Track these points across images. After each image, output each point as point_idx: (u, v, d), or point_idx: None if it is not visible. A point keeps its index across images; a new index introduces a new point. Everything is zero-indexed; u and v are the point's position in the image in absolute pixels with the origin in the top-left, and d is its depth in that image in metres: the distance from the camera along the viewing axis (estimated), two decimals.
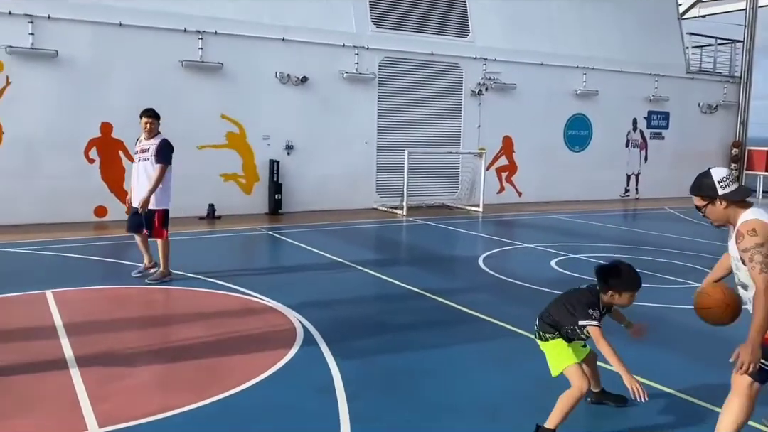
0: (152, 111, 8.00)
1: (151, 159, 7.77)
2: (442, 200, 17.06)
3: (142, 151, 7.87)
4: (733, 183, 3.52)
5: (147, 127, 7.88)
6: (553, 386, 4.00)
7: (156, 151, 7.75)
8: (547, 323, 4.06)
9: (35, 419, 4.08)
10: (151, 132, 7.89)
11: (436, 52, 16.60)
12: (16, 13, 11.98)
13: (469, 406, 4.45)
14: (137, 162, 7.93)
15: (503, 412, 4.40)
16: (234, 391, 4.58)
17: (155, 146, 7.78)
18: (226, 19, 13.89)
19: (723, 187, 3.49)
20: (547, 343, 4.05)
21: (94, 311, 6.73)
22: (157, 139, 7.86)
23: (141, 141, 7.99)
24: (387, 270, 8.82)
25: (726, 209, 3.51)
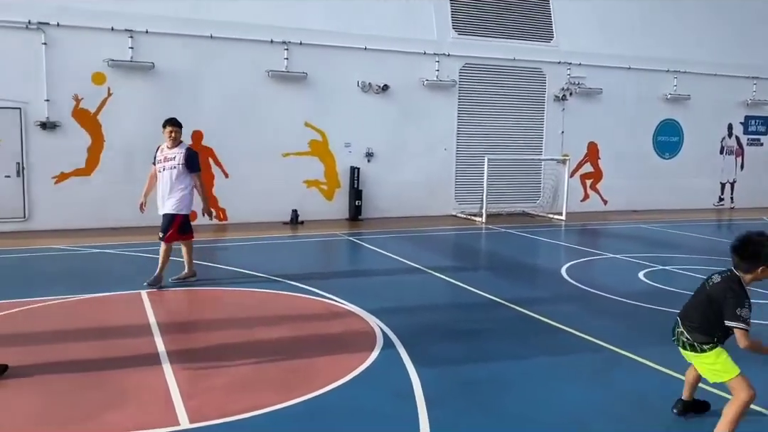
0: (176, 120, 8.08)
1: (178, 167, 7.84)
2: (522, 208, 16.77)
3: (166, 160, 7.90)
4: None
5: (172, 135, 7.92)
6: (645, 406, 3.86)
7: (185, 160, 7.86)
8: (698, 332, 3.87)
9: (129, 412, 4.32)
10: (175, 141, 7.95)
11: (518, 58, 16.38)
12: (117, 28, 12.77)
13: (554, 421, 4.35)
14: (162, 171, 7.93)
15: (593, 430, 4.25)
16: (318, 392, 4.68)
17: (182, 155, 7.88)
18: (311, 29, 14.25)
19: None
20: (706, 354, 3.86)
21: (185, 311, 7.06)
22: (181, 148, 7.95)
23: (164, 150, 8.01)
24: (466, 277, 8.75)
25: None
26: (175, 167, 7.85)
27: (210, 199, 7.97)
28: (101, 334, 6.09)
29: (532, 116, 16.90)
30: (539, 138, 17.04)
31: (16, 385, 4.76)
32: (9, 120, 12.22)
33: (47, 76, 12.38)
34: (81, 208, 12.74)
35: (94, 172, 12.92)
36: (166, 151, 7.97)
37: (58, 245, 10.87)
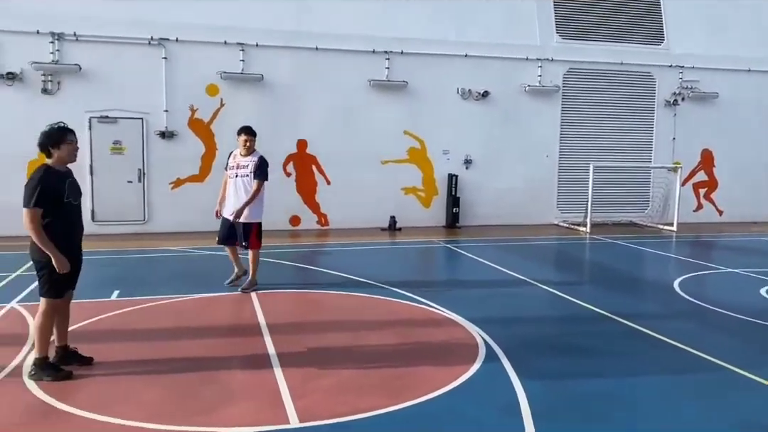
0: (250, 129, 8.08)
1: (250, 175, 7.90)
2: (630, 217, 16.07)
3: (239, 167, 7.95)
4: None
5: (246, 144, 7.96)
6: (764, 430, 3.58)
7: (256, 168, 7.90)
8: None
9: (241, 409, 4.51)
10: (249, 149, 7.98)
11: (626, 61, 15.77)
12: (230, 42, 13.46)
13: None
14: (234, 177, 7.98)
15: None
16: (421, 399, 4.69)
17: (254, 163, 7.90)
18: (412, 38, 14.39)
19: None
20: None
21: (292, 312, 7.30)
22: (254, 156, 7.98)
23: (237, 157, 8.04)
24: (570, 289, 8.49)
25: None
26: (248, 175, 7.92)
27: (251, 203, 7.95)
28: (214, 332, 6.41)
29: (641, 122, 16.19)
30: (648, 145, 16.29)
31: (138, 378, 5.11)
32: (133, 129, 13.18)
33: (166, 88, 13.24)
34: (194, 212, 13.48)
35: (207, 179, 13.65)
36: (239, 158, 8.02)
37: (173, 247, 11.56)
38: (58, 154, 4.96)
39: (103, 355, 5.55)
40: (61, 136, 4.96)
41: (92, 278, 9.29)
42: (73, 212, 5.02)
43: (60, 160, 4.99)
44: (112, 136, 13.11)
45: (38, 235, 4.75)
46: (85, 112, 12.81)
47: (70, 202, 4.95)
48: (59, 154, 4.96)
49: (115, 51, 12.93)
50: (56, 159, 4.97)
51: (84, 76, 12.79)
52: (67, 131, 5.02)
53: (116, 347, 5.60)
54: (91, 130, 12.91)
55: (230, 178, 8.05)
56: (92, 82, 12.86)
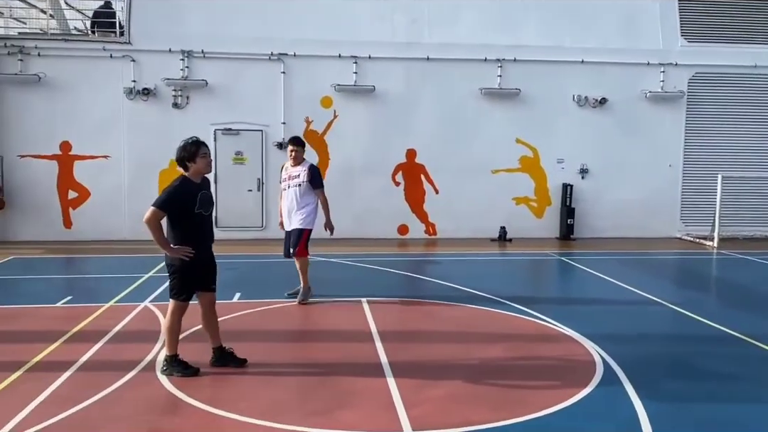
0: (299, 139, 8.05)
1: (303, 184, 7.79)
2: (763, 232, 14.82)
3: (290, 178, 7.86)
4: None
5: (293, 155, 7.86)
6: None
7: (310, 177, 7.79)
8: None
9: (356, 413, 4.60)
10: (297, 159, 7.86)
11: (760, 64, 14.60)
12: (344, 55, 13.85)
13: None
14: (287, 189, 7.92)
15: None
16: (535, 415, 4.56)
17: (306, 172, 7.79)
18: (526, 45, 14.12)
19: None
20: None
21: (403, 321, 7.36)
22: (304, 166, 7.86)
23: (288, 168, 7.98)
24: (696, 307, 7.95)
25: None
26: (300, 184, 7.81)
27: (329, 219, 8.00)
28: (329, 336, 6.59)
29: None
30: None
31: (259, 377, 5.34)
32: (253, 141, 13.87)
33: (284, 101, 13.83)
34: None
35: None
36: (290, 169, 7.94)
37: None
38: (194, 167, 5.25)
39: None
40: (195, 150, 5.24)
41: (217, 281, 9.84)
42: (203, 222, 5.31)
43: (196, 172, 5.27)
44: (235, 147, 13.87)
45: (153, 231, 5.05)
46: (210, 125, 13.63)
47: (200, 213, 5.25)
48: (195, 167, 5.25)
49: (238, 67, 13.69)
50: (192, 171, 5.27)
51: (210, 90, 13.63)
52: (201, 145, 5.31)
53: (239, 347, 5.89)
54: (216, 141, 13.72)
55: (284, 190, 8.06)
56: (217, 97, 13.69)
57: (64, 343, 6.21)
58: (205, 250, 5.38)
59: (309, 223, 7.99)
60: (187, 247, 5.17)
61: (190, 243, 5.19)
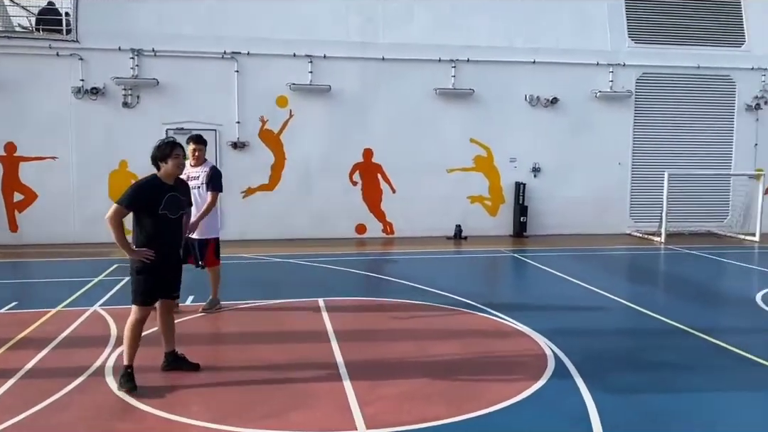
0: (200, 137, 7.44)
1: (202, 186, 7.22)
2: (708, 227, 15.39)
3: (190, 179, 7.05)
4: None
5: (195, 154, 7.30)
6: None
7: (208, 179, 7.21)
8: None
9: (310, 414, 4.59)
10: (199, 159, 7.33)
11: (703, 65, 15.15)
12: (299, 54, 13.78)
13: None
14: None
15: None
16: (488, 410, 4.64)
17: (206, 174, 7.22)
18: (479, 46, 14.32)
19: None
20: None
21: (360, 320, 7.37)
22: (206, 167, 7.31)
23: (187, 168, 6.93)
24: (643, 301, 8.20)
25: None
26: (200, 186, 7.22)
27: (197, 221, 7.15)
28: (284, 337, 6.55)
29: (720, 128, 15.51)
30: (728, 151, 15.58)
31: (211, 380, 5.28)
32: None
33: (238, 100, 13.69)
34: (265, 220, 13.86)
35: (276, 188, 14.00)
36: (190, 169, 7.18)
37: (245, 254, 11.89)
38: (164, 168, 5.17)
39: None
40: (169, 151, 5.15)
41: None
42: (167, 224, 5.14)
43: (166, 173, 5.18)
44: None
45: (114, 230, 4.91)
46: (162, 125, 13.37)
47: (165, 215, 5.10)
48: (165, 168, 5.17)
49: (190, 65, 13.48)
50: (163, 172, 5.18)
51: (161, 90, 13.38)
52: (176, 146, 5.22)
53: (191, 350, 5.81)
54: None
55: None
56: (169, 96, 13.45)
57: (9, 350, 6.02)
58: (170, 255, 5.24)
59: (213, 230, 7.50)
60: (148, 250, 5.03)
61: (152, 245, 5.06)
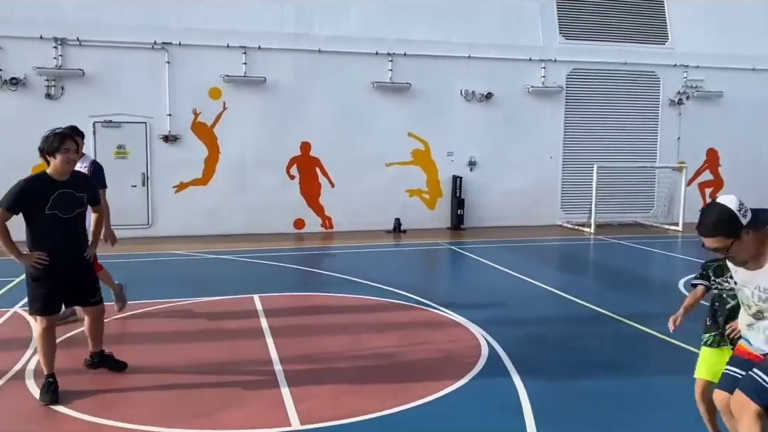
0: (76, 129, 6.00)
1: None
2: (634, 218, 16.01)
3: None
4: (748, 208, 3.06)
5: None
6: None
7: (91, 175, 6.24)
8: None
9: (243, 412, 4.51)
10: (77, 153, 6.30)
11: (629, 61, 15.72)
12: (232, 45, 13.48)
13: None
14: None
15: None
16: (423, 401, 4.68)
17: (87, 169, 6.35)
18: (415, 40, 14.38)
19: (744, 215, 3.01)
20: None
21: (295, 315, 7.29)
22: (85, 161, 6.39)
23: None
24: (574, 290, 8.45)
25: (754, 239, 3.04)
26: None
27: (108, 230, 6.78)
28: (218, 335, 6.41)
29: (645, 122, 16.14)
30: (653, 145, 16.23)
31: (141, 381, 5.10)
32: (137, 134, 13.22)
33: (170, 92, 13.27)
34: (198, 215, 13.51)
35: (210, 182, 13.67)
36: None
37: (177, 250, 11.57)
38: (53, 163, 4.62)
39: None
40: (57, 145, 4.59)
41: None
42: (58, 225, 4.61)
43: (55, 168, 4.64)
44: (117, 140, 13.15)
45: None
46: (89, 117, 12.82)
47: (55, 215, 4.58)
48: (54, 164, 4.62)
49: (118, 56, 12.97)
50: (52, 168, 4.65)
51: (87, 81, 12.83)
52: (65, 139, 4.64)
53: (121, 350, 5.59)
54: (96, 134, 12.95)
55: None
56: (96, 87, 12.91)
57: None
58: (67, 258, 4.69)
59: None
60: (40, 254, 4.56)
61: (42, 248, 4.58)
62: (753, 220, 3.04)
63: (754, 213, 3.08)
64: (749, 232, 3.04)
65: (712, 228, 3.05)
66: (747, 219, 3.03)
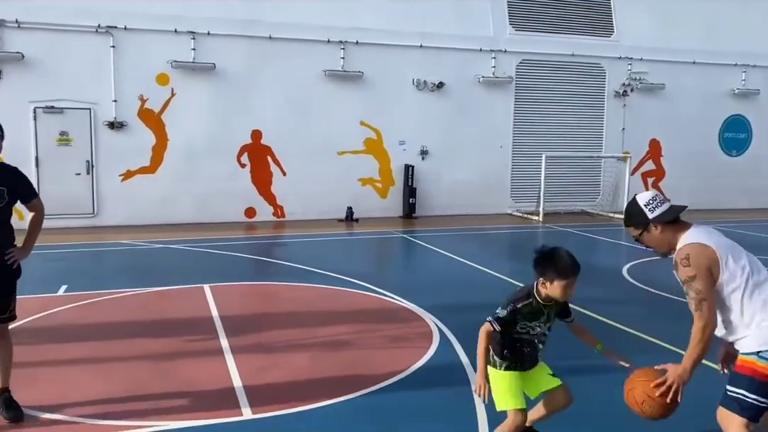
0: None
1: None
2: (581, 206, 16.44)
3: None
4: (662, 204, 3.31)
5: None
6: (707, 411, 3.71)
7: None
8: None
9: (194, 403, 4.46)
10: None
11: (577, 53, 16.06)
12: (180, 30, 13.16)
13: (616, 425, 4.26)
14: None
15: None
16: (375, 387, 4.72)
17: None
18: (367, 29, 14.33)
19: (651, 209, 3.29)
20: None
21: (246, 305, 7.24)
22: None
23: None
24: (522, 277, 8.60)
25: (663, 233, 3.30)
26: None
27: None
28: (167, 326, 6.30)
29: (592, 113, 16.55)
30: (599, 135, 16.67)
31: (90, 374, 4.99)
32: (80, 120, 12.79)
33: (115, 77, 12.88)
34: (146, 204, 13.20)
35: (158, 170, 13.36)
36: None
37: (124, 240, 11.30)
38: None
39: (52, 351, 5.42)
40: None
41: (39, 273, 9.00)
42: None
43: None
44: (59, 126, 12.70)
45: None
46: (29, 102, 12.37)
47: None
48: None
49: (60, 39, 12.50)
50: None
51: (27, 64, 12.33)
52: None
53: (66, 343, 5.45)
54: (36, 120, 12.48)
55: None
56: (36, 71, 12.41)
57: None
58: None
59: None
60: None
61: None
62: (658, 216, 3.26)
63: (668, 209, 3.29)
64: (657, 226, 3.26)
65: (625, 219, 3.44)
66: (654, 214, 3.26)
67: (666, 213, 3.29)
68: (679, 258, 3.15)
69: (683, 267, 3.11)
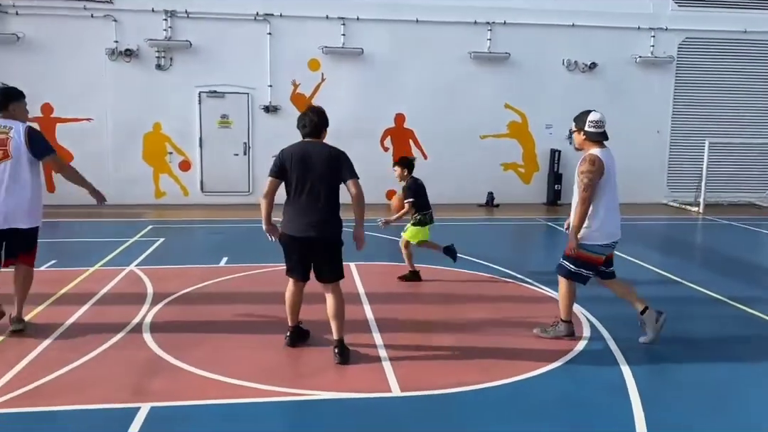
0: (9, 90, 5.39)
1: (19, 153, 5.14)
2: (749, 198, 14.95)
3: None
4: (600, 128, 5.08)
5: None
6: None
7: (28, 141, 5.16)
8: None
9: (345, 375, 4.62)
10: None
11: (750, 29, 14.53)
12: (331, 16, 13.58)
13: None
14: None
15: None
16: (523, 376, 4.61)
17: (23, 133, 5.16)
18: (516, 8, 13.92)
19: (590, 126, 5.05)
20: None
21: (391, 285, 7.35)
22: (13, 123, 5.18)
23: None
24: (681, 272, 8.03)
25: (584, 141, 5.14)
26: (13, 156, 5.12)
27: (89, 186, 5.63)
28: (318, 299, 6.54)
29: (765, 96, 14.93)
30: None
31: (249, 340, 5.33)
32: (239, 104, 13.66)
33: (270, 63, 13.59)
34: None
35: None
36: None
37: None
38: None
39: (217, 316, 5.87)
40: None
41: (202, 246, 9.78)
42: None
43: None
44: (220, 110, 13.65)
45: None
46: (195, 87, 13.39)
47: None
48: None
49: (222, 27, 13.39)
50: None
51: (194, 52, 13.35)
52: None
53: (229, 310, 5.86)
54: (201, 104, 13.50)
55: None
56: (201, 58, 13.41)
57: (50, 306, 6.16)
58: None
59: (39, 216, 5.44)
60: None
61: None
62: (590, 132, 5.08)
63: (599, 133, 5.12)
64: (583, 134, 5.11)
65: (575, 118, 5.28)
66: (590, 129, 5.06)
67: (595, 134, 5.09)
68: (589, 158, 4.96)
69: (589, 164, 4.94)
